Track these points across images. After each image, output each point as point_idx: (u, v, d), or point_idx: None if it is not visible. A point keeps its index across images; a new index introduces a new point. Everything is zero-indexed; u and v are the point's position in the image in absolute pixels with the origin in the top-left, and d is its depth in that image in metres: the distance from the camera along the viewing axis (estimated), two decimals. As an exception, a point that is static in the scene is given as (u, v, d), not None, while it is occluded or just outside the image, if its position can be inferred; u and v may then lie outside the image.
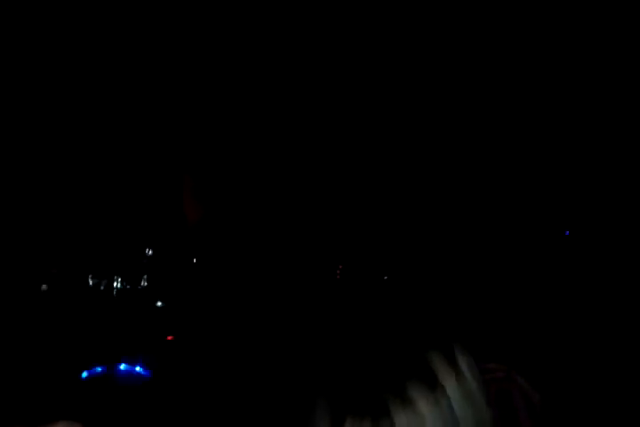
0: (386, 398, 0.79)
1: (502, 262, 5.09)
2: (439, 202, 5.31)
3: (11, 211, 5.10)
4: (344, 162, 5.69)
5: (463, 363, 0.80)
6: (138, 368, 2.88)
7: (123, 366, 2.86)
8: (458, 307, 4.52)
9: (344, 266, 5.42)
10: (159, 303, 4.86)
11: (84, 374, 2.82)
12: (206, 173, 5.23)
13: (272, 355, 3.97)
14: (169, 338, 4.53)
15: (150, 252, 4.99)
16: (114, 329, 4.22)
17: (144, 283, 4.95)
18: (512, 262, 5.07)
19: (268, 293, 4.99)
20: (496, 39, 4.92)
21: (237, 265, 5.37)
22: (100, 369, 2.86)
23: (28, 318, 4.11)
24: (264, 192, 5.61)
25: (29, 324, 4.02)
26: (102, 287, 4.77)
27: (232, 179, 5.52)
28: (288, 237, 5.65)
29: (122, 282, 4.85)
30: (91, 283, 4.76)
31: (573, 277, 4.78)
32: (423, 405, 0.78)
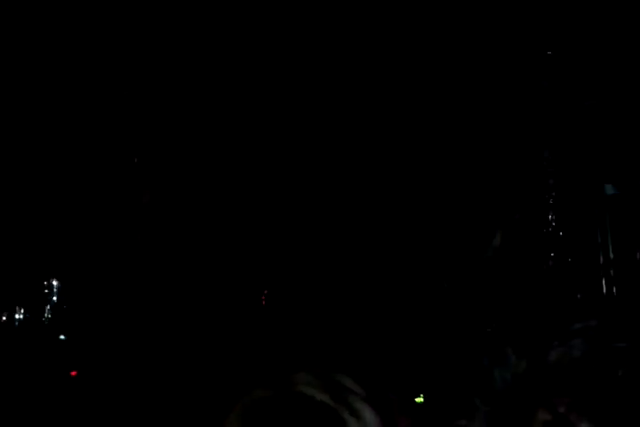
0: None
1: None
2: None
3: None
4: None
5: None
6: None
7: None
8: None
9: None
10: (62, 337, 4.71)
11: None
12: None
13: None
14: (73, 373, 4.39)
15: (55, 283, 4.85)
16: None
17: (47, 315, 4.80)
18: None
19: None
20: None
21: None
22: None
23: None
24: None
25: None
26: (4, 319, 4.60)
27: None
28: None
29: (24, 314, 4.68)
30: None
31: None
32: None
